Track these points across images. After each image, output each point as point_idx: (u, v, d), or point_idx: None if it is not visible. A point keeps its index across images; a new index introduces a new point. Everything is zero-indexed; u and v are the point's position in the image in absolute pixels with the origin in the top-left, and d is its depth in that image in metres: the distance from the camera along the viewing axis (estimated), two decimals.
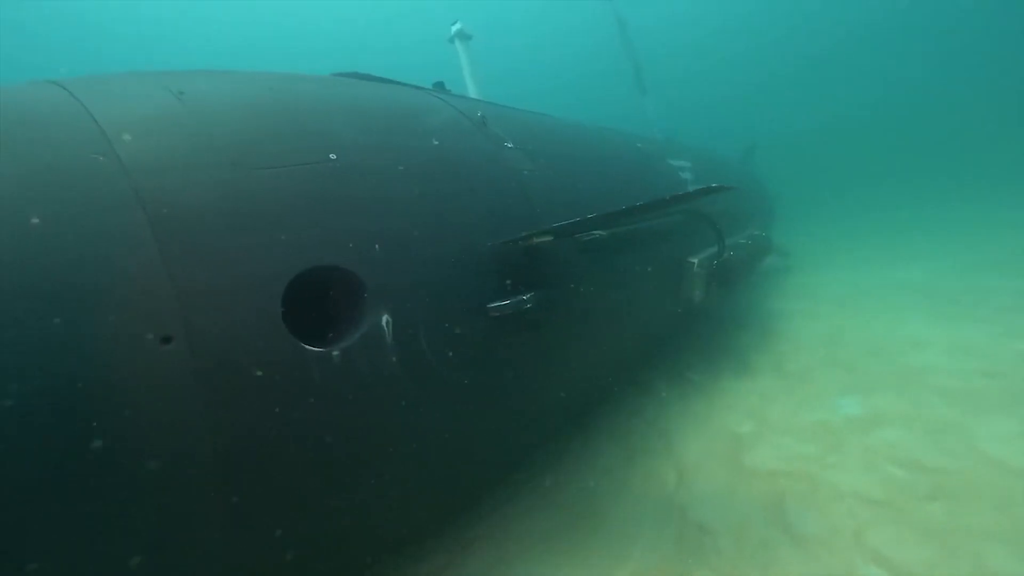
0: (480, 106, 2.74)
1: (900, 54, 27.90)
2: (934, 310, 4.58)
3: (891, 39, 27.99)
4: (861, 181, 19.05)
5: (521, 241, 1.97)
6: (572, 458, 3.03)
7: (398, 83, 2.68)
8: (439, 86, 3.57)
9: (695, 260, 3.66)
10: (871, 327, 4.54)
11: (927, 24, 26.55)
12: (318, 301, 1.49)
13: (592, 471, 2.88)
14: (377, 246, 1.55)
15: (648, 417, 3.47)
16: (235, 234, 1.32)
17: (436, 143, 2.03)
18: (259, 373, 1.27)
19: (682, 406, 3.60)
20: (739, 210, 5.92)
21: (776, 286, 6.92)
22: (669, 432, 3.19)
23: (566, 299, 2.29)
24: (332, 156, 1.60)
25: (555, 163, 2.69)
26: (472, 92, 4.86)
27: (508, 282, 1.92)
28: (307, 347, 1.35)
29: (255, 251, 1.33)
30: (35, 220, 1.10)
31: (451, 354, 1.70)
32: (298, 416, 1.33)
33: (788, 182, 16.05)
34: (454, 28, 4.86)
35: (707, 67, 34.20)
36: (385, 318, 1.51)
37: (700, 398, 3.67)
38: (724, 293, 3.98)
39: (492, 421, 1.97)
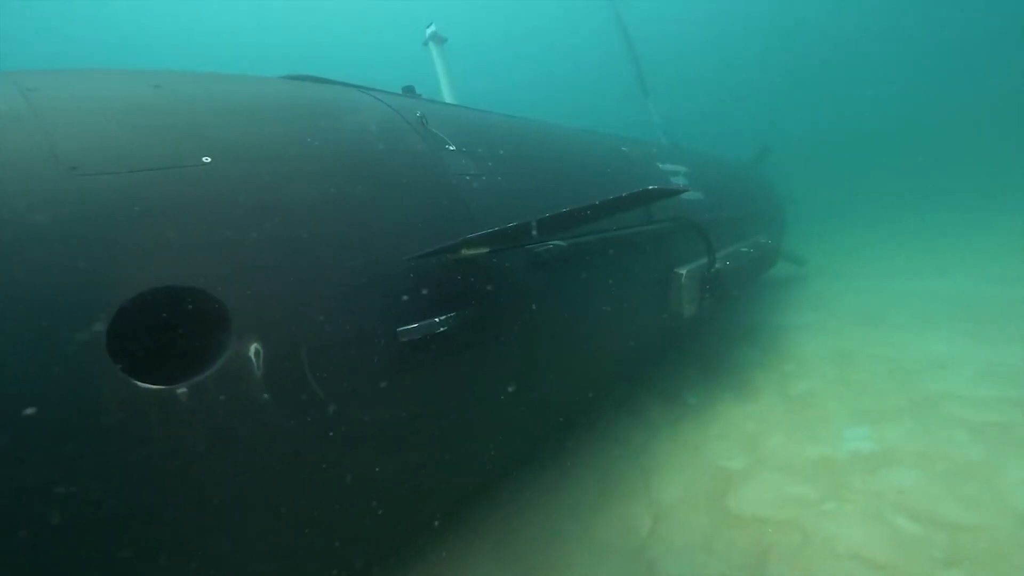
0: (426, 106, 2.51)
1: (916, 54, 26.81)
2: (961, 326, 4.13)
3: (906, 38, 26.95)
4: (885, 186, 18.14)
5: (448, 253, 1.71)
6: (541, 493, 2.72)
7: (343, 84, 2.47)
8: (409, 90, 3.36)
9: (683, 271, 3.34)
10: (889, 344, 4.12)
11: (941, 24, 25.48)
12: (164, 329, 1.26)
13: (558, 511, 2.58)
14: (250, 262, 1.31)
15: (634, 446, 3.14)
16: (51, 250, 1.09)
17: (355, 145, 1.80)
18: (70, 416, 1.04)
19: (672, 432, 3.26)
20: (744, 216, 5.51)
21: (789, 297, 6.49)
22: (652, 464, 2.86)
23: (512, 318, 2.02)
24: (206, 159, 1.38)
25: (509, 168, 2.42)
26: (447, 96, 4.65)
27: (427, 301, 1.66)
28: (140, 384, 1.12)
29: (75, 270, 1.10)
30: None
31: (349, 387, 1.44)
32: (126, 469, 1.10)
33: (807, 187, 15.41)
34: (428, 31, 4.66)
35: (717, 69, 33.38)
36: (254, 347, 1.27)
37: (693, 424, 3.33)
38: (718, 306, 3.63)
39: (411, 461, 1.70)
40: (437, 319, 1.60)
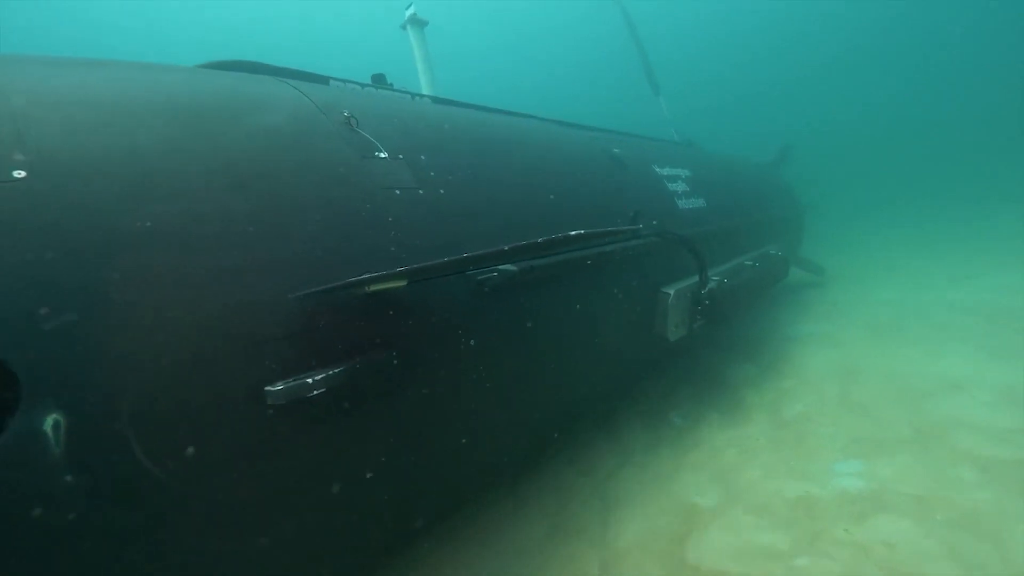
0: (368, 101, 2.23)
1: (940, 51, 25.47)
2: (984, 341, 3.70)
3: (928, 34, 25.65)
4: (909, 188, 17.05)
5: (352, 288, 1.42)
6: (492, 528, 2.48)
7: (274, 74, 2.18)
8: (379, 79, 3.11)
9: (671, 291, 2.98)
10: (901, 359, 3.73)
11: (963, 19, 24.14)
12: None
13: (510, 548, 2.33)
14: (54, 308, 1.07)
15: (601, 474, 2.87)
16: None
17: (247, 152, 1.53)
18: None
19: (646, 459, 2.97)
20: (752, 224, 5.01)
21: (800, 304, 6.06)
22: (615, 497, 2.58)
23: (439, 359, 1.74)
24: (18, 174, 1.16)
25: (458, 179, 2.11)
26: (424, 85, 4.36)
27: (312, 351, 1.38)
28: None
29: None
30: None
31: (194, 463, 1.19)
32: None
33: (826, 188, 14.66)
34: (408, 13, 4.36)
35: (734, 67, 32.33)
36: (52, 419, 1.03)
37: (670, 449, 3.03)
38: (711, 329, 3.26)
39: (296, 534, 1.44)
40: (310, 380, 1.30)
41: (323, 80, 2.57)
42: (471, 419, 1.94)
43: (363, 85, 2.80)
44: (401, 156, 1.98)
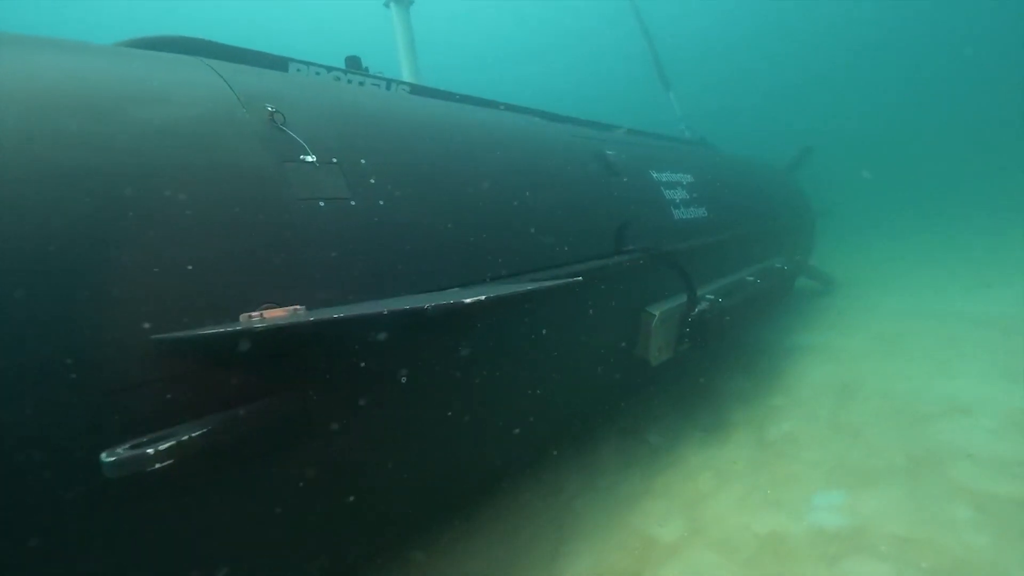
0: (311, 90, 1.98)
1: (953, 53, 24.48)
2: (998, 357, 3.39)
3: (940, 36, 24.75)
4: (925, 195, 16.22)
5: (236, 329, 1.16)
6: (442, 554, 2.29)
7: (205, 56, 1.90)
8: (353, 62, 2.90)
9: (656, 312, 2.73)
10: (904, 376, 3.43)
11: (977, 23, 23.22)
12: None
13: None
14: None
15: (563, 496, 2.66)
16: None
17: (120, 156, 1.30)
18: None
19: (614, 481, 2.75)
20: (759, 235, 4.65)
21: (806, 311, 5.75)
22: (572, 524, 2.37)
23: (355, 399, 1.53)
24: None
25: (403, 188, 1.82)
26: (405, 68, 4.14)
27: (172, 408, 1.17)
28: None
29: None
30: None
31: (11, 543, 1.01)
32: None
33: (839, 193, 14.07)
34: None
35: (743, 67, 31.45)
36: None
37: (641, 471, 2.81)
38: (699, 354, 3.01)
39: None
40: (152, 451, 1.02)
41: (281, 63, 2.32)
42: (401, 460, 1.72)
43: (331, 69, 2.57)
44: (335, 160, 1.70)
